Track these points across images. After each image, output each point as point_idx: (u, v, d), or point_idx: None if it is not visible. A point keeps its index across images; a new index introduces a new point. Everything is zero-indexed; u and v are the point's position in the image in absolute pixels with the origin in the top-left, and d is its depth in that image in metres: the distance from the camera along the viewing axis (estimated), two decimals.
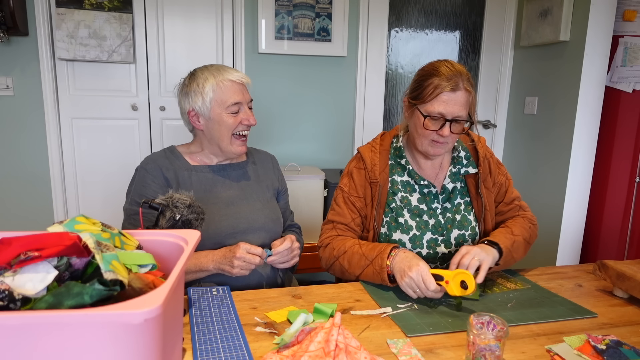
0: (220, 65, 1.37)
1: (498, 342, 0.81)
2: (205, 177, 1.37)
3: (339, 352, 0.77)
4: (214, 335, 0.92)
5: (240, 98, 1.33)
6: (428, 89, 1.21)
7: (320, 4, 2.66)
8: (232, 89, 1.32)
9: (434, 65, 1.24)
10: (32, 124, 2.46)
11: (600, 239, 2.55)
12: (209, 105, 1.31)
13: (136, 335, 0.58)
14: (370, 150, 1.37)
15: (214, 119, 1.32)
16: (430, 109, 1.21)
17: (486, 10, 3.00)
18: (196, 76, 1.34)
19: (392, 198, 1.33)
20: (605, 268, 1.22)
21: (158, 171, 1.33)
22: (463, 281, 1.06)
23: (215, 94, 1.31)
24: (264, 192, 1.45)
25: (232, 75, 1.33)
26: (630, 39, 2.38)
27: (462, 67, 1.22)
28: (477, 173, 1.35)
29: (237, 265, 1.19)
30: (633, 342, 0.95)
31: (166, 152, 1.40)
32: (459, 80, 1.19)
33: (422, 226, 1.31)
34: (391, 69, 2.97)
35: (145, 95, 2.60)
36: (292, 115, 2.81)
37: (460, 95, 1.20)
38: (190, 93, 1.33)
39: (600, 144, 2.50)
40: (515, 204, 1.41)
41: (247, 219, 1.35)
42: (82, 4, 2.35)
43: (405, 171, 1.35)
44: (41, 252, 0.63)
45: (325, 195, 2.51)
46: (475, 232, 1.34)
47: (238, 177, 1.42)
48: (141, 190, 1.31)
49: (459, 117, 1.21)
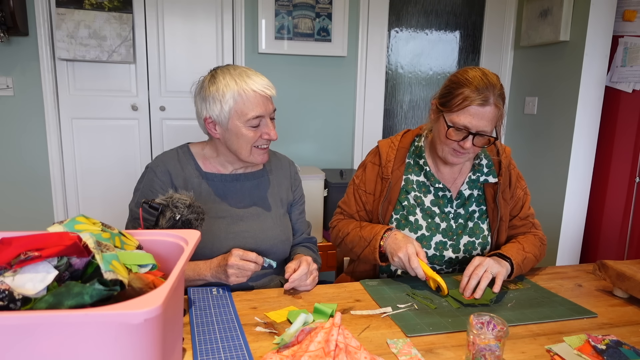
0: (244, 70, 1.23)
1: (498, 342, 0.81)
2: (217, 186, 1.29)
3: (339, 352, 0.77)
4: (214, 335, 0.92)
5: (262, 111, 1.20)
6: (457, 99, 1.17)
7: (320, 4, 2.66)
8: (255, 100, 1.19)
9: (467, 73, 1.19)
10: (32, 124, 2.46)
11: (600, 239, 2.55)
12: (228, 115, 1.19)
13: (136, 335, 0.58)
14: (389, 146, 1.37)
15: (232, 130, 1.21)
16: (455, 119, 1.18)
17: (486, 10, 3.00)
18: (217, 79, 1.20)
19: (406, 196, 1.33)
20: (605, 268, 1.22)
21: (167, 177, 1.26)
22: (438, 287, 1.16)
23: (236, 103, 1.18)
24: (277, 208, 1.36)
25: (257, 84, 1.20)
26: (630, 39, 2.38)
27: (495, 79, 1.18)
28: (496, 183, 1.33)
29: (232, 274, 1.12)
30: (633, 342, 0.95)
31: (179, 153, 1.30)
32: (489, 94, 1.15)
33: (432, 228, 1.31)
34: (391, 69, 2.97)
35: (145, 95, 2.60)
36: (292, 115, 2.81)
37: (489, 111, 1.16)
38: (208, 98, 1.20)
39: (600, 144, 2.50)
40: (529, 221, 1.40)
41: (254, 238, 1.28)
42: (82, 4, 2.35)
43: (422, 172, 1.34)
44: (41, 252, 0.63)
45: (325, 195, 2.51)
46: (486, 241, 1.33)
47: (251, 189, 1.33)
48: (148, 195, 1.25)
49: (484, 132, 1.18)
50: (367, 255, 1.27)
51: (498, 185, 1.33)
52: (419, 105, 3.08)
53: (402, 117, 3.07)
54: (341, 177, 2.58)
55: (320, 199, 2.48)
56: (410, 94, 3.05)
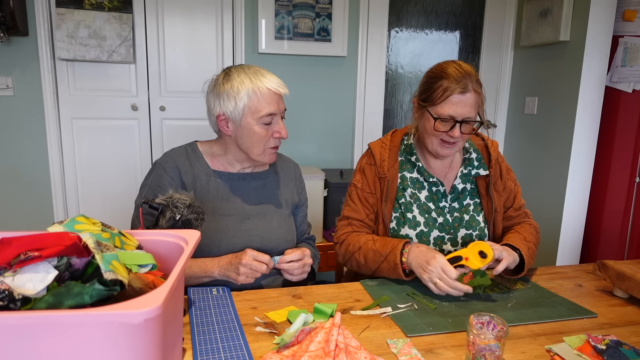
0: (258, 69, 1.26)
1: (498, 342, 0.81)
2: (225, 184, 1.30)
3: (339, 352, 0.77)
4: (214, 335, 0.92)
5: (275, 109, 1.24)
6: (437, 91, 1.22)
7: (320, 4, 2.66)
8: (269, 98, 1.22)
9: (442, 66, 1.25)
10: (32, 124, 2.46)
11: (600, 239, 2.55)
12: (241, 112, 1.21)
13: (136, 335, 0.58)
14: (380, 146, 1.39)
15: (244, 127, 1.23)
16: (440, 111, 1.22)
17: (486, 10, 3.00)
18: (231, 77, 1.22)
19: (402, 194, 1.35)
20: (605, 268, 1.22)
21: (176, 173, 1.26)
22: (481, 251, 1.12)
23: (250, 100, 1.21)
24: (283, 208, 1.37)
25: (271, 82, 1.23)
26: (630, 39, 2.38)
27: (470, 68, 1.23)
28: (487, 175, 1.36)
29: (243, 273, 1.14)
30: (633, 342, 0.95)
31: (187, 151, 1.31)
32: (467, 81, 1.20)
33: (430, 223, 1.33)
34: (391, 69, 2.97)
35: (145, 95, 2.60)
36: (292, 115, 2.80)
37: (470, 97, 1.21)
38: (222, 95, 1.22)
39: (600, 144, 2.50)
40: (523, 211, 1.44)
41: (260, 237, 1.29)
42: (82, 4, 2.35)
43: (415, 168, 1.36)
44: (41, 252, 0.63)
45: (325, 195, 2.51)
46: (484, 233, 1.36)
47: (257, 189, 1.34)
48: (157, 190, 1.24)
49: (469, 118, 1.23)
50: (385, 271, 1.24)
51: (490, 178, 1.36)
52: None
53: (402, 117, 3.07)
54: (341, 177, 2.58)
55: (320, 199, 2.48)
56: (410, 94, 3.05)
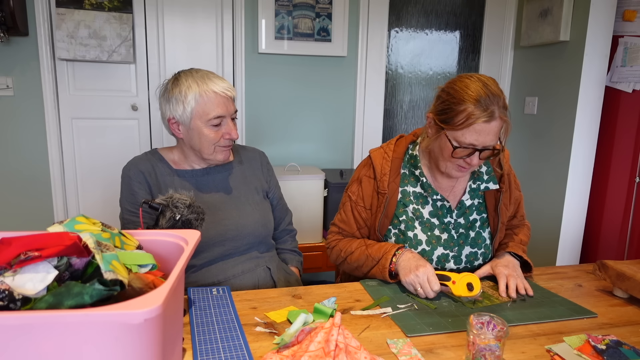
0: (206, 73, 1.30)
1: (498, 342, 0.81)
2: (189, 181, 1.33)
3: (339, 352, 0.77)
4: (214, 335, 0.92)
5: (223, 111, 1.27)
6: (460, 116, 1.10)
7: (320, 4, 2.66)
8: (216, 101, 1.25)
9: (466, 86, 1.11)
10: (32, 124, 2.46)
11: (600, 239, 2.55)
12: (190, 115, 1.25)
13: (136, 335, 0.58)
14: (382, 157, 1.30)
15: (194, 129, 1.27)
16: (461, 138, 1.12)
17: (486, 10, 3.00)
18: (180, 82, 1.27)
19: (403, 210, 1.28)
20: (605, 268, 1.22)
21: (141, 176, 1.30)
22: (469, 283, 1.12)
23: (197, 104, 1.24)
24: (253, 195, 1.40)
25: (217, 86, 1.26)
26: (630, 39, 2.38)
27: (497, 88, 1.11)
28: (498, 190, 1.30)
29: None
30: (633, 342, 0.95)
31: (148, 155, 1.36)
32: (494, 108, 1.08)
33: (432, 241, 1.26)
34: (391, 69, 2.97)
35: (145, 95, 2.60)
36: (292, 115, 2.81)
37: (495, 125, 1.10)
38: (171, 99, 1.26)
39: (600, 144, 2.50)
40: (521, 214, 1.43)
41: (235, 225, 1.32)
42: (82, 4, 2.35)
43: (419, 183, 1.29)
44: (41, 252, 0.63)
45: (325, 195, 2.51)
46: (489, 250, 1.31)
47: (224, 181, 1.37)
48: (130, 198, 1.30)
49: (490, 146, 1.14)
50: (375, 274, 1.24)
51: (500, 193, 1.29)
52: (419, 106, 3.08)
53: (402, 117, 3.07)
54: (341, 177, 2.58)
55: (320, 198, 2.48)
56: (410, 94, 3.05)
